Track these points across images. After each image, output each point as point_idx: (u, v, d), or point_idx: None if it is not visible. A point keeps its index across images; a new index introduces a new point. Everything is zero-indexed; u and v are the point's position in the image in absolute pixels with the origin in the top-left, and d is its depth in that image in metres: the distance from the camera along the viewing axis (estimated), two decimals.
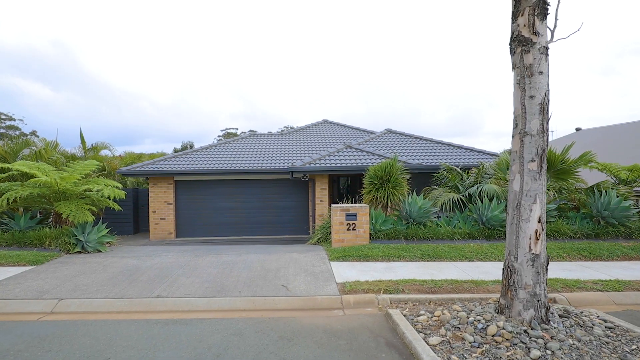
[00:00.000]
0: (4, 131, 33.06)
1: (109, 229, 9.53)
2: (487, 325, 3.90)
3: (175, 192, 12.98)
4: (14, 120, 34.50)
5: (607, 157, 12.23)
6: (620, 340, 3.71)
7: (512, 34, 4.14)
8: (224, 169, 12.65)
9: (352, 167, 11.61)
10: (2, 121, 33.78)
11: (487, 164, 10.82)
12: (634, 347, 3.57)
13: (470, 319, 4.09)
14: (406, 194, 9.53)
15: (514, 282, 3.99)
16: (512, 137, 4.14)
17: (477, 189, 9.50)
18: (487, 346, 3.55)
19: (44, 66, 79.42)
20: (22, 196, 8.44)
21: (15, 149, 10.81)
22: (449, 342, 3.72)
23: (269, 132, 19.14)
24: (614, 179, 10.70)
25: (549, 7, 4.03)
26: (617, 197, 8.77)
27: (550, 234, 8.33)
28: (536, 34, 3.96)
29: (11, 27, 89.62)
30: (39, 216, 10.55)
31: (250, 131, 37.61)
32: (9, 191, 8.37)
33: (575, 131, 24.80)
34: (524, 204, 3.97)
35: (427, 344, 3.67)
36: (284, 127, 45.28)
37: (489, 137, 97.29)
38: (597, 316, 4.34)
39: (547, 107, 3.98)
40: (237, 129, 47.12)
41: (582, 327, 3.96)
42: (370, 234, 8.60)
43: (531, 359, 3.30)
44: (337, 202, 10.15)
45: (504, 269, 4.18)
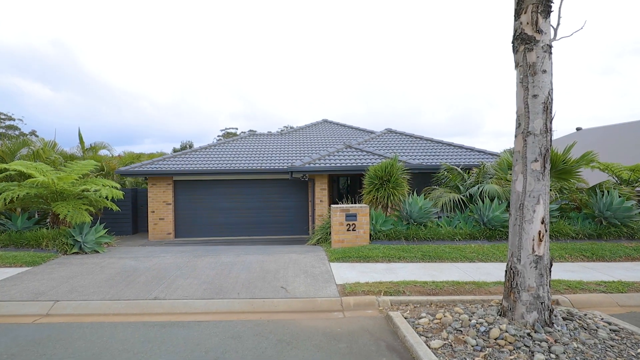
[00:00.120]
0: (4, 131, 32.92)
1: (107, 230, 9.47)
2: (490, 328, 3.84)
3: (174, 192, 12.91)
4: (14, 120, 34.41)
5: (608, 157, 12.14)
6: (625, 343, 3.65)
7: (515, 31, 4.06)
8: (223, 169, 12.58)
9: (352, 167, 11.54)
10: (2, 121, 33.67)
11: (488, 163, 10.77)
12: None
13: (472, 321, 4.03)
14: (406, 194, 9.46)
15: (516, 284, 3.93)
16: (515, 136, 4.07)
17: (478, 189, 9.43)
18: (490, 350, 3.48)
19: (44, 66, 79.45)
20: (19, 196, 8.39)
21: (13, 149, 10.74)
22: (451, 345, 3.65)
23: (268, 132, 19.06)
24: (616, 179, 10.62)
25: (552, 4, 3.96)
26: (620, 197, 8.71)
27: (552, 235, 8.26)
28: (539, 31, 3.89)
29: (11, 27, 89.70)
30: (36, 216, 10.48)
31: (249, 131, 37.53)
32: (6, 191, 8.32)
33: (575, 131, 24.71)
34: (527, 204, 3.90)
35: (429, 347, 3.61)
36: (284, 126, 45.17)
37: (489, 137, 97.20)
38: (601, 318, 4.27)
39: (551, 106, 3.91)
40: (236, 129, 47.02)
41: (586, 330, 3.89)
42: (370, 234, 8.53)
43: None
44: (337, 203, 10.08)
45: (506, 271, 4.11)
